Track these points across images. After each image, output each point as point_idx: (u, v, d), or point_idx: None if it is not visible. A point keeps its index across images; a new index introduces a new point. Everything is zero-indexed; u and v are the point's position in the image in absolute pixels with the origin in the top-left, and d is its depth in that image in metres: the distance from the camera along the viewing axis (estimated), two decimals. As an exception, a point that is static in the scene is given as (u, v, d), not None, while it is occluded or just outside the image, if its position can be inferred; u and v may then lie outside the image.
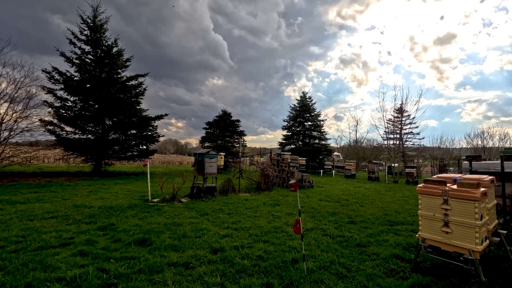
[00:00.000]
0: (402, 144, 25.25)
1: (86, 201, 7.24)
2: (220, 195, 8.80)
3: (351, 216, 6.41)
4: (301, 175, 12.38)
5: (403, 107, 24.37)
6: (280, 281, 2.99)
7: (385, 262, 3.62)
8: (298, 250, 3.94)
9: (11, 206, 6.39)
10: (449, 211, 3.11)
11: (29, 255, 3.50)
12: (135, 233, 4.52)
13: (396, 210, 7.33)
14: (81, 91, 14.84)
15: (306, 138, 29.17)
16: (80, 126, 15.47)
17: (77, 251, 3.67)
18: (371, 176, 19.15)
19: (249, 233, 4.75)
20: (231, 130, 25.25)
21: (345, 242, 4.45)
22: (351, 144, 37.45)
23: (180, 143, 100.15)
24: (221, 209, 6.69)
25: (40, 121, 13.81)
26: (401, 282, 3.04)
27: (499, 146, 22.76)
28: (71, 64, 15.02)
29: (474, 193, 2.92)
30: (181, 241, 4.21)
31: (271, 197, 8.84)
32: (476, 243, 2.91)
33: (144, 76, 17.23)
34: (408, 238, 4.67)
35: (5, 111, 12.39)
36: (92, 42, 15.75)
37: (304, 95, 30.07)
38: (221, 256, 3.66)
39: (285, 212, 6.67)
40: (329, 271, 3.29)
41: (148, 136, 17.41)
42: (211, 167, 8.53)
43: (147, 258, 3.52)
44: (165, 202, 7.48)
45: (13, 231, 4.46)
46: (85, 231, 4.61)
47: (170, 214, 6.02)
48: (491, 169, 4.96)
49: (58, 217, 5.51)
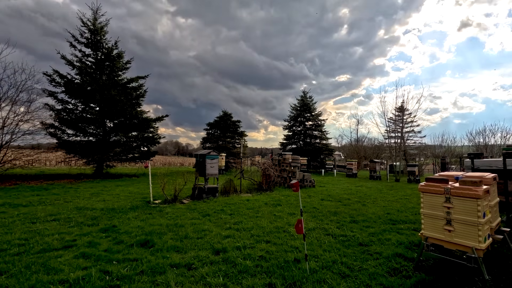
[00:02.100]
0: (404, 142, 25.18)
1: (88, 203, 7.26)
2: (221, 196, 8.80)
3: (353, 215, 6.40)
4: (302, 175, 12.37)
5: (404, 105, 24.30)
6: (282, 281, 2.98)
7: (388, 261, 3.61)
8: (300, 250, 3.93)
9: (14, 209, 6.41)
10: (451, 209, 3.10)
11: (32, 257, 3.51)
12: (137, 235, 4.53)
13: (398, 209, 7.30)
14: (82, 93, 14.90)
15: (307, 138, 29.14)
16: (81, 129, 15.53)
17: (80, 253, 3.68)
18: (373, 175, 19.10)
19: (251, 234, 4.75)
20: (231, 130, 25.25)
21: (347, 241, 4.44)
22: (352, 143, 37.38)
23: (181, 144, 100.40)
24: (222, 210, 6.69)
25: (42, 124, 13.86)
26: (404, 281, 3.03)
27: (501, 143, 22.66)
28: (72, 66, 15.08)
29: (477, 191, 2.91)
30: (183, 242, 4.21)
31: (273, 197, 8.83)
32: (479, 241, 2.90)
33: (144, 78, 17.28)
34: (411, 237, 4.66)
35: (7, 114, 12.44)
36: (92, 44, 15.81)
37: (305, 94, 30.04)
38: (223, 256, 3.66)
39: (286, 212, 6.66)
40: (331, 270, 3.29)
41: (149, 138, 17.45)
42: (212, 168, 8.53)
43: (150, 259, 3.52)
44: (167, 204, 7.49)
45: (16, 234, 4.48)
46: (88, 233, 4.62)
47: (172, 215, 6.02)
48: (493, 166, 4.94)
49: (60, 219, 5.52)
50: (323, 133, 29.10)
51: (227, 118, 25.22)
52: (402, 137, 25.29)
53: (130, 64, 17.19)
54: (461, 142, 26.45)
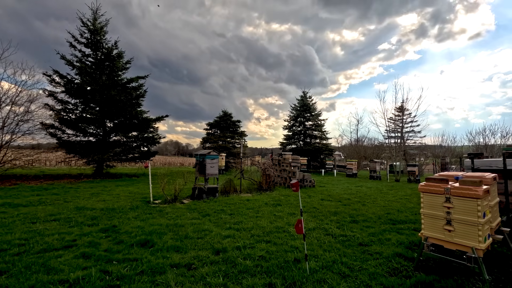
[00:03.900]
0: (404, 142, 25.18)
1: (88, 203, 7.26)
2: (221, 196, 8.80)
3: (353, 215, 6.40)
4: (302, 175, 12.36)
5: (404, 105, 24.30)
6: (282, 281, 2.98)
7: (388, 261, 3.61)
8: (300, 250, 3.93)
9: (14, 209, 6.41)
10: (451, 209, 3.10)
11: (32, 257, 3.51)
12: (137, 235, 4.53)
13: (398, 209, 7.30)
14: (82, 93, 14.89)
15: (307, 138, 29.15)
16: (81, 129, 15.52)
17: (80, 253, 3.68)
18: (373, 175, 19.12)
19: (251, 234, 4.75)
20: (232, 130, 25.27)
21: (347, 241, 4.44)
22: (352, 143, 37.43)
23: (181, 144, 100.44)
24: (222, 210, 6.69)
25: (42, 124, 13.85)
26: (404, 281, 3.03)
27: (501, 143, 22.67)
28: (72, 67, 15.07)
29: (477, 191, 2.91)
30: (183, 242, 4.21)
31: (273, 197, 8.83)
32: (479, 241, 2.90)
33: (144, 78, 17.26)
34: (411, 237, 4.66)
35: (7, 114, 12.44)
36: (92, 44, 15.80)
37: (305, 94, 30.06)
38: (224, 256, 3.66)
39: (287, 212, 6.66)
40: (331, 270, 3.29)
41: (149, 138, 17.43)
42: (212, 168, 8.53)
43: (150, 259, 3.52)
44: (167, 204, 7.49)
45: (16, 234, 4.48)
46: (88, 233, 4.62)
47: (172, 215, 6.02)
48: (493, 166, 4.94)
49: (60, 219, 5.52)
50: (323, 133, 29.13)
51: (227, 118, 25.24)
52: (402, 137, 25.30)
53: (130, 64, 17.19)
54: (461, 142, 26.50)
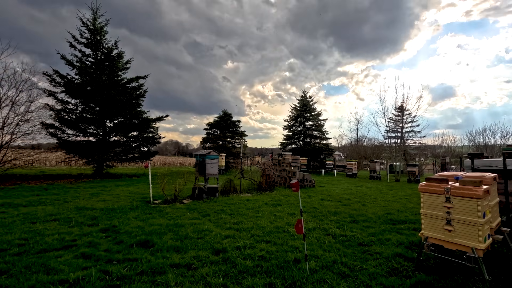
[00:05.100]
0: (404, 142, 25.18)
1: (88, 203, 7.26)
2: (221, 196, 8.80)
3: (353, 215, 6.40)
4: (302, 175, 12.36)
5: (404, 105, 24.29)
6: (282, 281, 2.98)
7: (388, 261, 3.61)
8: (300, 250, 3.93)
9: (14, 209, 6.41)
10: (451, 209, 3.10)
11: (32, 258, 3.51)
12: (137, 235, 4.53)
13: (398, 209, 7.30)
14: (82, 93, 14.89)
15: (307, 138, 29.15)
16: (81, 129, 15.52)
17: (80, 253, 3.68)
18: (373, 175, 19.12)
19: (251, 234, 4.75)
20: (231, 130, 25.26)
21: (347, 241, 4.44)
22: (352, 143, 37.43)
23: (181, 144, 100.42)
24: (222, 210, 6.69)
25: (42, 124, 13.84)
26: (404, 281, 3.03)
27: (501, 143, 22.67)
28: (72, 66, 15.08)
29: (477, 191, 2.91)
30: (183, 242, 4.21)
31: (273, 197, 8.83)
32: (479, 241, 2.90)
33: (144, 78, 17.26)
34: (411, 237, 4.66)
35: (7, 115, 12.43)
36: (92, 44, 15.79)
37: (305, 94, 30.06)
38: (224, 256, 3.66)
39: (287, 212, 6.66)
40: (331, 270, 3.29)
41: (149, 138, 17.45)
42: (212, 168, 8.53)
43: (150, 259, 3.52)
44: (167, 204, 7.48)
45: (16, 234, 4.48)
46: (88, 233, 4.62)
47: (172, 216, 6.02)
48: (493, 166, 4.93)
49: (60, 219, 5.52)
50: (323, 133, 29.13)
51: (227, 118, 25.23)
52: (402, 137, 25.30)
53: (130, 64, 17.19)
54: (461, 142, 26.50)
